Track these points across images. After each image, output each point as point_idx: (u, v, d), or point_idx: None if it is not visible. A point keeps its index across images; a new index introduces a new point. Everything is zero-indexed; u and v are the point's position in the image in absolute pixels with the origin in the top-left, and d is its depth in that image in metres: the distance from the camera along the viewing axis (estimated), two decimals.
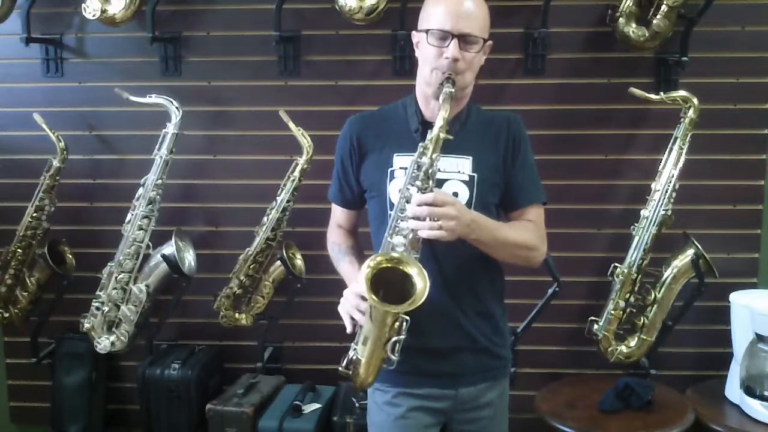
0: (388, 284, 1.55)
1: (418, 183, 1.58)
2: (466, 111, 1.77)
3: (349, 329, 1.62)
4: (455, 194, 1.70)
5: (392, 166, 1.74)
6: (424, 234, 1.55)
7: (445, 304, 1.71)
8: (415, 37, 1.74)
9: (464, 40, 1.64)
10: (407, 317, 1.55)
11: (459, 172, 1.72)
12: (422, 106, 1.77)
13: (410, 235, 1.58)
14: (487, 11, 1.70)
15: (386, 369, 1.61)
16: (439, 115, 1.60)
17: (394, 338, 1.57)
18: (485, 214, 1.72)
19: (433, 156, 1.59)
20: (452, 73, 1.64)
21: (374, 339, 1.57)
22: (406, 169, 1.68)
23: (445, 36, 1.64)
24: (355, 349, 1.63)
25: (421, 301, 1.50)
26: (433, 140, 1.59)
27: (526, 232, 1.75)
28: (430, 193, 1.56)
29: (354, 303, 1.59)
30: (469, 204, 1.71)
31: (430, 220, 1.54)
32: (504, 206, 1.81)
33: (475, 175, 1.72)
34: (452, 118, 1.67)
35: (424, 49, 1.69)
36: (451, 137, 1.63)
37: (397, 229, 1.61)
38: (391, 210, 1.70)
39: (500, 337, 1.84)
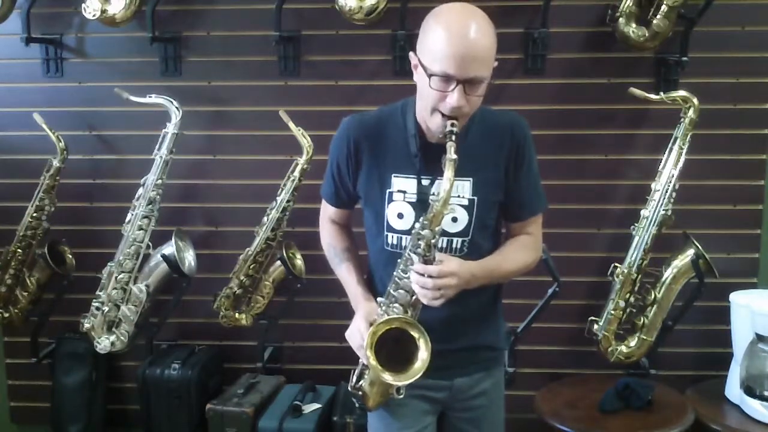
0: (395, 336, 1.60)
1: (420, 251, 1.58)
2: (467, 124, 1.65)
3: (365, 361, 1.65)
4: (454, 219, 1.67)
5: (390, 188, 1.69)
6: (425, 301, 1.59)
7: (443, 309, 1.69)
8: (413, 59, 1.59)
9: (470, 82, 1.51)
10: None
11: (459, 196, 1.66)
12: (422, 127, 1.66)
13: (413, 296, 1.61)
14: (494, 40, 1.54)
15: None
16: (443, 182, 1.52)
17: None
18: (482, 233, 1.71)
19: (435, 229, 1.57)
20: (455, 122, 1.53)
21: (380, 384, 1.66)
22: (404, 192, 1.67)
23: (449, 80, 1.50)
24: (363, 380, 1.70)
25: (420, 374, 1.57)
26: (436, 215, 1.56)
27: (522, 254, 1.75)
28: (435, 266, 1.56)
29: (361, 344, 1.63)
30: (467, 228, 1.69)
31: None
32: (505, 216, 1.78)
33: (475, 198, 1.68)
34: None
35: (425, 86, 1.55)
36: (452, 213, 1.63)
37: (400, 283, 1.63)
38: (389, 231, 1.71)
39: (496, 332, 1.85)
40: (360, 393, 1.73)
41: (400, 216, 1.69)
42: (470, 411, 1.82)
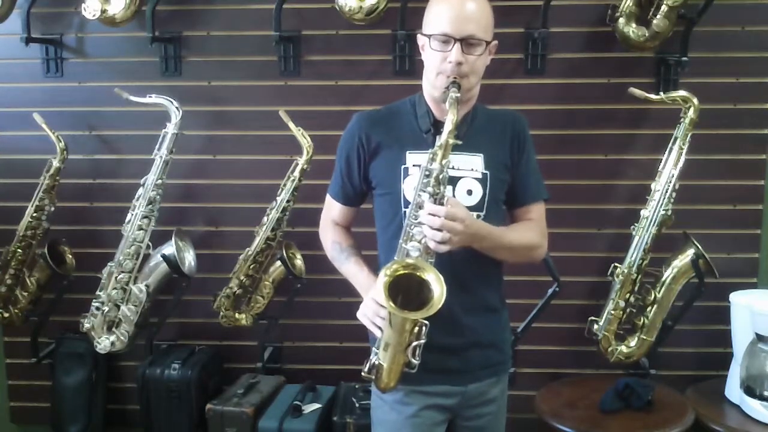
0: (406, 289, 1.58)
1: (430, 189, 1.60)
2: (472, 111, 1.78)
3: (377, 334, 1.64)
4: (469, 191, 1.73)
5: (405, 164, 1.74)
6: (431, 245, 1.59)
7: (452, 302, 1.70)
8: (420, 40, 1.74)
9: (467, 43, 1.65)
10: (426, 321, 1.59)
11: (472, 169, 1.74)
12: (432, 107, 1.77)
13: (424, 241, 1.60)
14: (490, 12, 1.71)
15: (408, 371, 1.64)
16: (447, 119, 1.61)
17: (414, 343, 1.61)
18: (496, 210, 1.76)
19: (443, 162, 1.60)
20: (457, 76, 1.65)
21: (395, 344, 1.61)
22: (419, 166, 1.70)
23: (447, 40, 1.65)
24: (376, 354, 1.66)
25: (439, 307, 1.53)
26: (443, 146, 1.61)
27: (527, 233, 1.79)
28: (442, 206, 1.58)
29: (374, 310, 1.62)
30: (482, 202, 1.73)
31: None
32: (508, 203, 1.83)
33: (488, 172, 1.74)
34: (460, 120, 1.67)
35: (429, 53, 1.70)
36: (460, 142, 1.65)
37: (411, 234, 1.63)
38: (406, 207, 1.72)
39: (504, 332, 1.87)
40: (372, 376, 1.68)
41: None
42: (479, 419, 1.83)
